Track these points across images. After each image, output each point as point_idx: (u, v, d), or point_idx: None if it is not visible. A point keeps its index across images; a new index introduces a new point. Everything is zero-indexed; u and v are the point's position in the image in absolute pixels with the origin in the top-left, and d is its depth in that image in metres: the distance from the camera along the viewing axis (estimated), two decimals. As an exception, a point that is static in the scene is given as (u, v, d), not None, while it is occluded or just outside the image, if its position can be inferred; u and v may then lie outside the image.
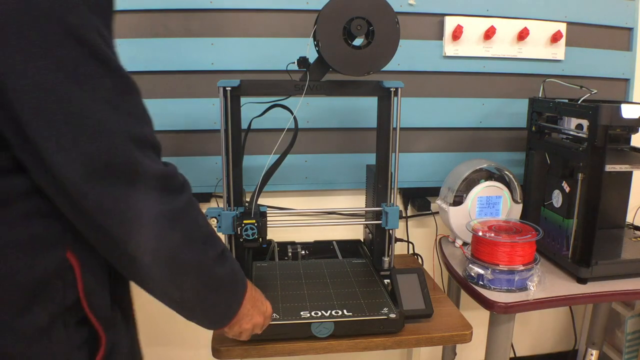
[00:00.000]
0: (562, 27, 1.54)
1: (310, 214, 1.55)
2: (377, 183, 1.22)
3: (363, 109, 1.48)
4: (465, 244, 1.42)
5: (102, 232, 0.59)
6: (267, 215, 1.13)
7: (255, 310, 0.82)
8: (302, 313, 1.01)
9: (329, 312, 1.01)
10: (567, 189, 1.28)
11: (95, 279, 0.64)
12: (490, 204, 1.41)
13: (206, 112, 1.42)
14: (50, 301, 0.59)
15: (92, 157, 0.55)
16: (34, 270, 0.58)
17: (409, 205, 1.61)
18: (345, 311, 1.02)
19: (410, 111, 1.50)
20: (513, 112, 1.57)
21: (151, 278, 0.64)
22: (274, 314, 1.00)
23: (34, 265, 0.58)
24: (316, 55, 1.06)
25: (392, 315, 1.01)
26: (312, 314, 1.01)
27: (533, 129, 1.42)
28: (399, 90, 1.14)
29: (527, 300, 1.13)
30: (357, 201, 1.57)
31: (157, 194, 0.61)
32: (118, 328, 0.69)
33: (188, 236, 0.65)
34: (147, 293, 0.67)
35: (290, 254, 1.36)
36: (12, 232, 0.57)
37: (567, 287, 1.20)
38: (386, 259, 1.23)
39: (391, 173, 1.20)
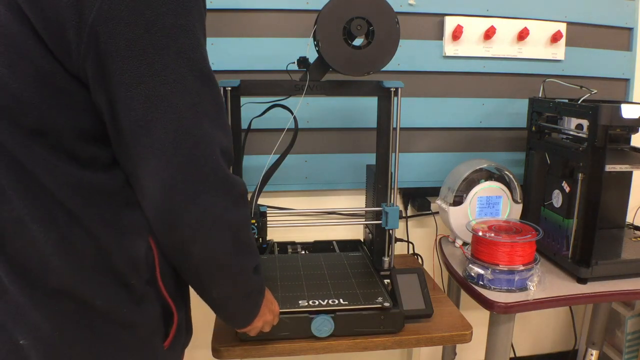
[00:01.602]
0: (562, 27, 1.54)
1: (310, 214, 1.55)
2: (377, 183, 1.22)
3: (363, 109, 1.48)
4: (465, 244, 1.42)
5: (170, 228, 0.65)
6: (267, 215, 1.13)
7: (267, 309, 0.87)
8: (300, 302, 1.03)
9: (325, 301, 1.04)
10: (567, 189, 1.28)
11: (167, 263, 0.71)
12: (490, 204, 1.41)
13: (206, 112, 1.42)
14: (140, 278, 0.67)
15: (187, 164, 0.62)
16: (129, 250, 0.66)
17: (409, 205, 1.61)
18: (341, 300, 1.05)
19: (410, 111, 1.50)
20: (513, 112, 1.57)
21: (198, 276, 0.71)
22: None
23: (130, 246, 0.66)
24: (316, 55, 1.06)
25: (387, 304, 1.02)
26: (310, 302, 1.03)
27: (533, 129, 1.42)
28: (399, 90, 1.14)
29: (527, 300, 1.13)
30: (357, 201, 1.57)
31: (230, 203, 0.67)
32: (181, 306, 0.76)
33: (241, 246, 0.71)
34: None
35: (290, 254, 1.36)
36: (116, 218, 0.65)
37: (567, 287, 1.20)
38: (386, 259, 1.23)
39: (391, 173, 1.20)
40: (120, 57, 0.57)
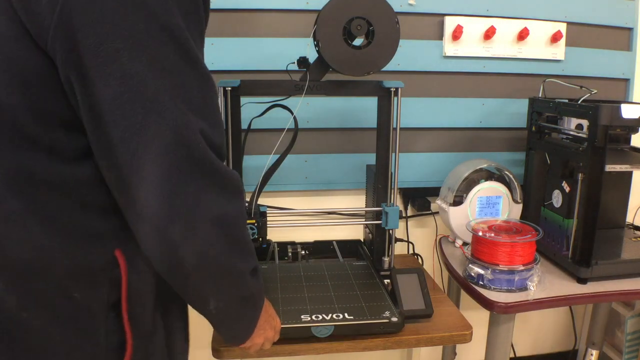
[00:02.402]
0: (562, 27, 1.54)
1: (310, 214, 1.54)
2: (377, 183, 1.22)
3: (363, 109, 1.48)
4: (465, 244, 1.42)
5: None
6: (267, 215, 1.13)
7: (268, 325, 0.82)
8: (302, 317, 1.00)
9: (330, 315, 1.01)
10: (567, 189, 1.28)
11: (142, 284, 0.64)
12: (490, 204, 1.41)
13: (206, 112, 1.42)
14: (91, 292, 0.60)
15: (171, 149, 0.55)
16: (80, 259, 0.59)
17: (409, 205, 1.61)
18: (346, 314, 1.01)
19: (410, 111, 1.50)
20: (513, 112, 1.57)
21: (192, 282, 0.63)
22: None
23: (80, 255, 0.59)
24: (316, 55, 1.06)
25: (394, 319, 1.00)
26: (313, 317, 1.00)
27: (533, 129, 1.42)
28: (399, 90, 1.14)
29: (527, 300, 1.13)
30: (357, 201, 1.57)
31: (220, 193, 0.60)
32: (155, 339, 0.67)
33: (235, 245, 0.64)
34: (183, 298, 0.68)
35: (290, 254, 1.36)
36: (68, 220, 0.58)
37: (567, 287, 1.20)
38: (386, 259, 1.23)
39: (391, 173, 1.20)
40: (93, 30, 0.52)
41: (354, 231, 1.59)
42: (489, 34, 1.48)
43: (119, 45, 0.52)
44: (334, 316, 1.01)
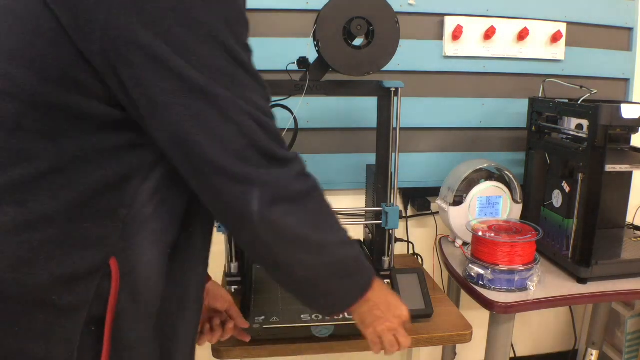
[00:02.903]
0: (562, 27, 1.54)
1: (310, 214, 1.54)
2: (377, 183, 1.22)
3: (363, 109, 1.48)
4: (465, 244, 1.42)
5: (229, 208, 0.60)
6: (267, 215, 1.13)
7: (390, 314, 0.79)
8: (302, 316, 1.00)
9: None
10: (567, 189, 1.27)
11: (135, 305, 0.60)
12: (490, 204, 1.41)
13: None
14: (71, 299, 0.56)
15: (236, 140, 0.57)
16: (66, 261, 0.56)
17: (409, 205, 1.61)
18: (346, 314, 1.01)
19: (410, 111, 1.50)
20: (513, 112, 1.57)
21: (276, 254, 0.64)
22: (274, 317, 1.00)
23: (66, 260, 0.56)
24: (316, 55, 1.06)
25: None
26: (313, 317, 1.00)
27: (533, 129, 1.42)
28: (399, 90, 1.14)
29: (527, 300, 1.13)
30: (357, 201, 1.57)
31: (292, 174, 0.63)
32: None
33: (313, 217, 0.65)
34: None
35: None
36: (64, 225, 0.56)
37: (567, 287, 1.20)
38: (386, 259, 1.23)
39: (391, 173, 1.20)
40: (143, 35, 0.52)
41: (354, 231, 1.59)
42: (489, 34, 1.48)
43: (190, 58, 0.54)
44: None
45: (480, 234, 1.20)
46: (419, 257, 1.51)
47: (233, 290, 1.16)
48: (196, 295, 0.71)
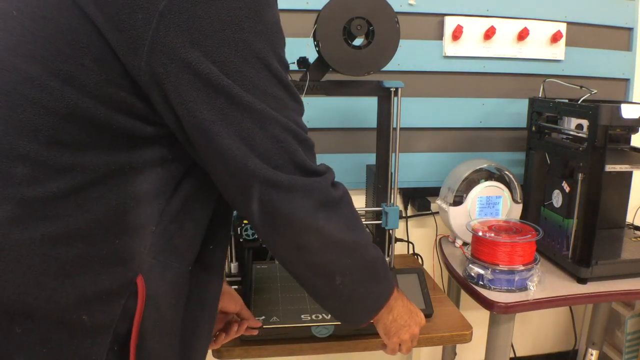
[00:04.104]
0: (562, 27, 1.54)
1: (310, 214, 1.54)
2: (377, 183, 1.22)
3: (363, 109, 1.48)
4: (465, 244, 1.42)
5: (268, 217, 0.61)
6: (267, 215, 1.13)
7: (412, 321, 0.82)
8: (302, 316, 1.01)
9: (330, 315, 1.00)
10: (567, 189, 1.27)
11: (160, 320, 0.60)
12: (490, 204, 1.41)
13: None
14: (100, 317, 0.56)
15: (275, 154, 0.60)
16: (95, 279, 0.55)
17: (409, 205, 1.61)
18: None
19: (410, 111, 1.50)
20: (513, 112, 1.57)
21: (320, 260, 0.66)
22: (274, 317, 1.00)
23: (96, 277, 0.55)
24: (316, 55, 1.06)
25: None
26: (313, 317, 1.00)
27: (533, 129, 1.42)
28: (399, 90, 1.14)
29: (527, 300, 1.13)
30: (357, 201, 1.55)
31: (328, 183, 0.66)
32: None
33: (348, 221, 0.68)
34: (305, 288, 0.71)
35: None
36: (95, 241, 0.55)
37: (567, 287, 1.20)
38: (386, 259, 1.23)
39: (391, 173, 1.20)
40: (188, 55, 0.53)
41: (354, 231, 1.58)
42: (489, 34, 1.48)
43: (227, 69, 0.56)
44: None
45: (480, 234, 1.20)
46: (419, 257, 1.51)
47: (233, 290, 1.16)
48: (214, 299, 0.72)
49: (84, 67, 0.53)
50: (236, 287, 1.17)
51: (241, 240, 1.09)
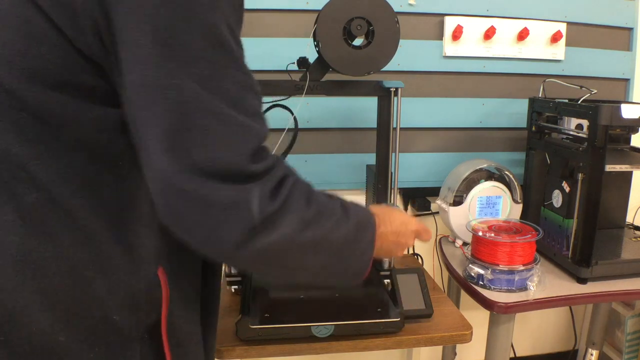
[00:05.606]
0: (562, 27, 1.54)
1: (310, 214, 1.54)
2: (377, 183, 1.22)
3: (363, 109, 1.48)
4: (465, 244, 1.42)
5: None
6: (267, 215, 1.13)
7: (402, 237, 0.76)
8: (302, 316, 1.00)
9: (329, 315, 1.00)
10: (567, 189, 1.27)
11: (184, 303, 0.61)
12: (490, 204, 1.41)
13: (206, 112, 1.42)
14: (131, 315, 0.56)
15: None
16: (122, 279, 0.55)
17: (409, 205, 1.61)
18: (345, 314, 1.01)
19: (410, 111, 1.50)
20: (513, 112, 1.57)
21: (293, 274, 0.61)
22: (274, 317, 0.99)
23: (122, 275, 0.55)
24: (316, 55, 1.06)
25: (394, 319, 1.00)
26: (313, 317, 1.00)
27: (533, 129, 1.42)
28: (399, 90, 1.14)
29: (527, 300, 1.13)
30: (357, 201, 1.57)
31: (266, 197, 0.55)
32: (191, 356, 0.65)
33: (302, 222, 0.57)
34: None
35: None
36: (114, 243, 0.55)
37: (567, 287, 1.20)
38: (386, 259, 1.23)
39: (391, 173, 1.20)
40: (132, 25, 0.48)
41: (354, 231, 1.58)
42: (489, 34, 1.48)
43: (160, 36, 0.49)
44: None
45: (480, 234, 1.20)
46: (419, 257, 1.51)
47: (233, 290, 1.16)
48: (220, 265, 0.73)
49: (44, 60, 0.50)
50: (236, 287, 1.17)
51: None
